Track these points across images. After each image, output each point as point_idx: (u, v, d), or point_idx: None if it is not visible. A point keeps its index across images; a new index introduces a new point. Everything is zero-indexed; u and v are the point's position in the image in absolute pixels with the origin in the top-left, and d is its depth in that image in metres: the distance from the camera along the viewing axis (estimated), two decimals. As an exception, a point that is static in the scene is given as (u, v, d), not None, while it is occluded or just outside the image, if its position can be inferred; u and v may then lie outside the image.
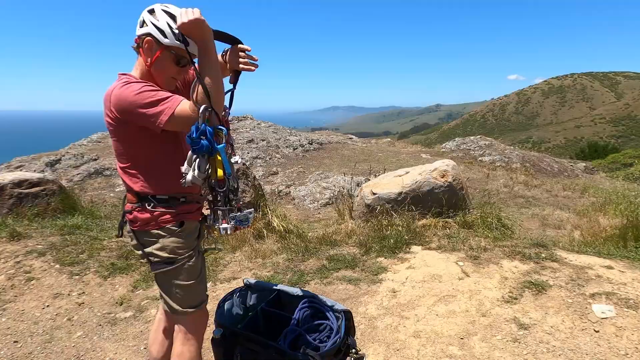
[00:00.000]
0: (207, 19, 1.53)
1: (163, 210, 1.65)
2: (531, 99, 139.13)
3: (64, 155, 9.93)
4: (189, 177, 1.48)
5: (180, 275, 1.71)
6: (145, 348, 2.72)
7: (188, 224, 1.71)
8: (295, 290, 2.18)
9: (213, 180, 1.54)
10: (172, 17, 1.55)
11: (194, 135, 1.44)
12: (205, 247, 1.98)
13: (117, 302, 3.34)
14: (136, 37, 1.61)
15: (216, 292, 3.40)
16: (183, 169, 1.50)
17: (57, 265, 3.82)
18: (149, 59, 1.59)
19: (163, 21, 1.54)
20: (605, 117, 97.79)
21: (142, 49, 1.59)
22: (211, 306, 2.03)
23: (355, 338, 2.17)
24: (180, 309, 1.75)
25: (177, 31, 1.52)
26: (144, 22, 1.57)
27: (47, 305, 3.27)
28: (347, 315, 1.97)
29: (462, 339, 2.59)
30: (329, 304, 2.02)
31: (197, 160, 1.48)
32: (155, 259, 1.68)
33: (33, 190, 5.18)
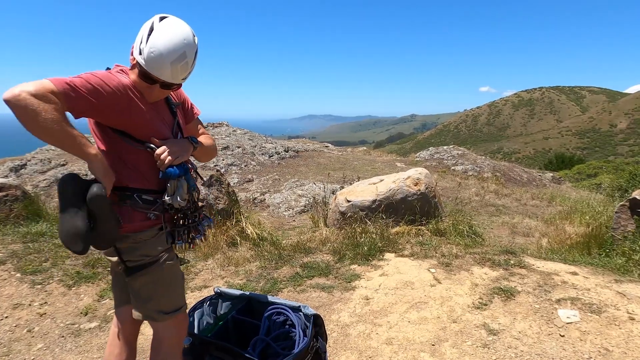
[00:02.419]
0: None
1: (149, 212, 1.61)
2: (502, 110, 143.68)
3: (29, 160, 9.54)
4: (175, 200, 1.61)
5: (165, 275, 1.66)
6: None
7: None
8: (267, 298, 2.15)
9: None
10: (151, 30, 1.47)
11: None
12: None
13: (81, 312, 3.21)
14: None
15: (187, 301, 3.31)
16: (167, 199, 1.59)
17: (18, 274, 3.64)
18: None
19: (141, 33, 1.49)
20: (571, 129, 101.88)
21: None
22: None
23: (328, 345, 2.15)
24: (164, 313, 1.68)
25: (143, 46, 1.46)
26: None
27: (6, 317, 3.11)
28: (317, 320, 1.96)
29: (433, 345, 2.61)
30: (300, 308, 2.00)
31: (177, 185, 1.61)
32: (134, 264, 1.61)
33: (-6, 195, 4.95)
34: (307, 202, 7.39)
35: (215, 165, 9.63)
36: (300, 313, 1.99)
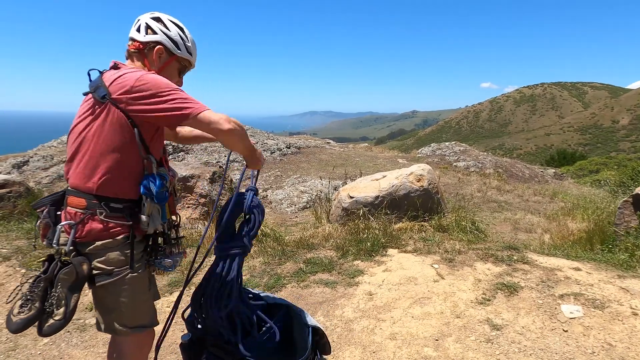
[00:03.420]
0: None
1: (117, 221, 1.52)
2: (504, 106, 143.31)
3: (32, 157, 9.56)
4: (151, 225, 1.57)
5: (127, 288, 1.56)
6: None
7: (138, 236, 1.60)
8: (271, 299, 2.15)
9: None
10: (181, 29, 1.63)
11: (158, 189, 1.54)
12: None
13: (86, 308, 3.22)
14: (138, 42, 1.59)
15: (189, 296, 3.32)
16: (143, 218, 1.55)
17: (23, 270, 3.67)
18: (155, 66, 1.62)
19: (175, 32, 1.60)
20: (573, 125, 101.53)
21: (147, 54, 1.61)
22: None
23: (332, 340, 2.14)
24: (127, 327, 1.58)
25: (189, 44, 1.65)
26: (149, 28, 1.58)
27: (12, 312, 3.13)
28: (317, 331, 1.95)
29: (437, 340, 2.62)
30: (303, 317, 1.99)
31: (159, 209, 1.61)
32: (96, 271, 1.52)
33: (-2, 192, 4.97)
34: (310, 198, 7.40)
35: (217, 162, 9.64)
36: (302, 319, 1.97)
